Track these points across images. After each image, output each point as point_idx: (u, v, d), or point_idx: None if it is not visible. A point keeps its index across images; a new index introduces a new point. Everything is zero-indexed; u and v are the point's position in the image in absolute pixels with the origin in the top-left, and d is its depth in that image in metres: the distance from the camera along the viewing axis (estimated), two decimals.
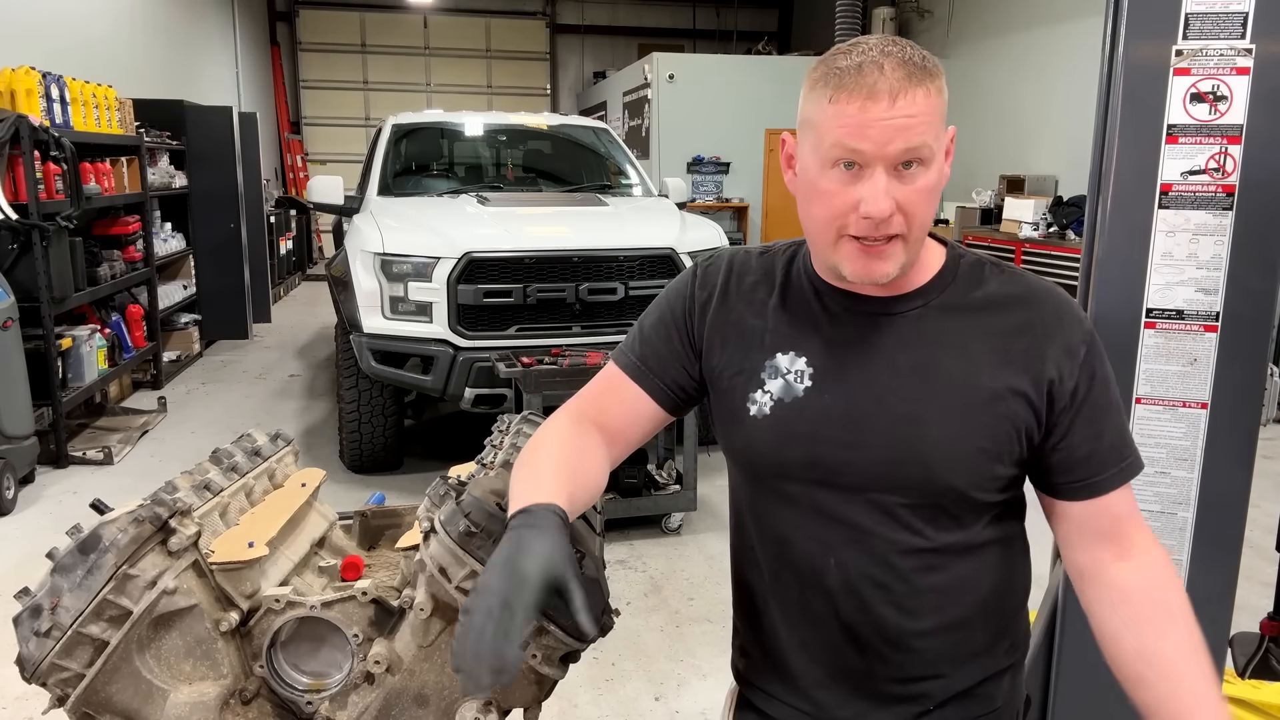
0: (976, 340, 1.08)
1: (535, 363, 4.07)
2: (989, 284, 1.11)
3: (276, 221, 10.60)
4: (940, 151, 1.02)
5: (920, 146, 0.98)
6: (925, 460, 1.06)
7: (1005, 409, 1.05)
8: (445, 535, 1.04)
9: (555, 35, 15.37)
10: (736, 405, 1.15)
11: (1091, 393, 1.07)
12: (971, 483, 1.07)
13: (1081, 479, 1.09)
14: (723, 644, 3.14)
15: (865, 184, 0.99)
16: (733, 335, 1.16)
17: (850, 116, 0.97)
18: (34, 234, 4.59)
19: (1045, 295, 1.10)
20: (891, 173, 0.99)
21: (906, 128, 0.97)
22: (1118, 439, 1.09)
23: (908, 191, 0.99)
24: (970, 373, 1.06)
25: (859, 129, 0.97)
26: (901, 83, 0.97)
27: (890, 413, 1.07)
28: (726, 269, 1.20)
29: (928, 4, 10.63)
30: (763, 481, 1.16)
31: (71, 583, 1.02)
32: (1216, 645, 1.72)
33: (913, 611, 1.11)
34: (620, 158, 6.14)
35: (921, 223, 1.02)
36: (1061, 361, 1.06)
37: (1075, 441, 1.07)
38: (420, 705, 1.11)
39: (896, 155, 0.98)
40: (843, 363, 1.10)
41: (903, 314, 1.10)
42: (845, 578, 1.11)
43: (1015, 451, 1.07)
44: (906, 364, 1.08)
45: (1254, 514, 1.79)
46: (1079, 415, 1.07)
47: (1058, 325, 1.08)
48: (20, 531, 4.09)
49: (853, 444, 1.08)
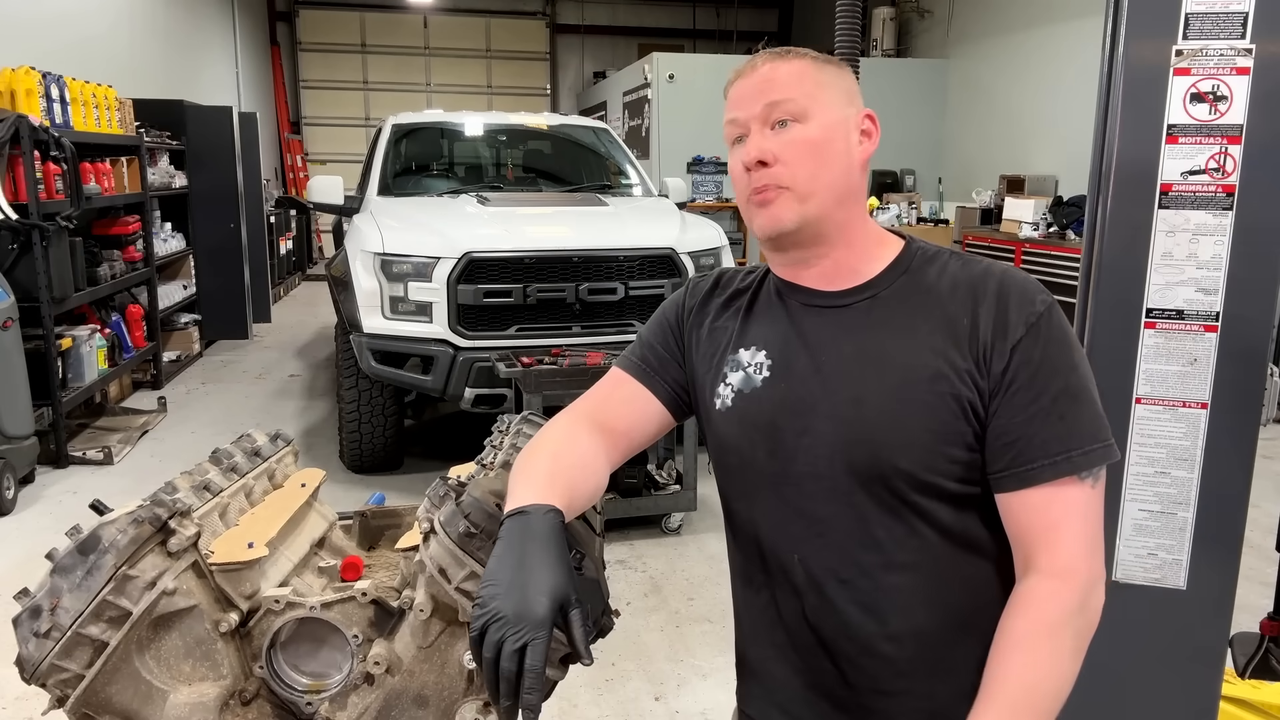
0: (923, 323, 1.08)
1: (535, 363, 4.07)
2: (943, 270, 1.11)
3: (276, 221, 10.60)
4: (822, 110, 1.09)
5: (784, 101, 1.08)
6: (870, 440, 1.06)
7: (947, 387, 1.04)
8: (445, 536, 1.04)
9: (555, 35, 15.36)
10: (706, 401, 1.20)
11: (1023, 375, 1.03)
12: (920, 463, 1.05)
13: (1005, 468, 1.04)
14: (722, 644, 3.16)
15: (746, 145, 1.11)
16: (706, 336, 1.22)
17: (730, 98, 1.13)
18: (34, 234, 4.59)
19: (996, 276, 1.08)
20: (765, 128, 1.09)
21: (766, 87, 1.09)
22: (1060, 430, 1.02)
23: (782, 142, 1.08)
24: (913, 353, 1.07)
25: (735, 100, 1.12)
26: (768, 59, 1.11)
27: (834, 396, 1.09)
28: (714, 281, 1.27)
29: (928, 4, 10.62)
30: (733, 476, 1.19)
31: (71, 583, 1.02)
32: (1217, 645, 1.72)
33: (877, 612, 1.09)
34: (620, 158, 6.14)
35: (808, 174, 1.08)
36: (995, 340, 1.04)
37: (1003, 426, 1.04)
38: (420, 706, 1.11)
39: (764, 113, 1.09)
40: (796, 354, 1.13)
41: (853, 304, 1.12)
42: (809, 574, 1.12)
43: (963, 431, 1.05)
44: (852, 350, 1.10)
45: (1254, 514, 1.79)
46: (1006, 397, 1.03)
47: (997, 303, 1.06)
48: (20, 531, 4.09)
49: (804, 430, 1.10)
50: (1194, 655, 1.71)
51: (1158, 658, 1.71)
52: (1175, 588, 1.69)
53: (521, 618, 0.90)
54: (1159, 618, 1.70)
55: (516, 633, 0.89)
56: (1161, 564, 1.69)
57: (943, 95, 10.09)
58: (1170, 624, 1.70)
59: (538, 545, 0.96)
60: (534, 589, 0.92)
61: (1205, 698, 1.73)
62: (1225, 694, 1.97)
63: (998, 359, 1.04)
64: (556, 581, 0.93)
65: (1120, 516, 1.70)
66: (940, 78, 10.10)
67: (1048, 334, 1.05)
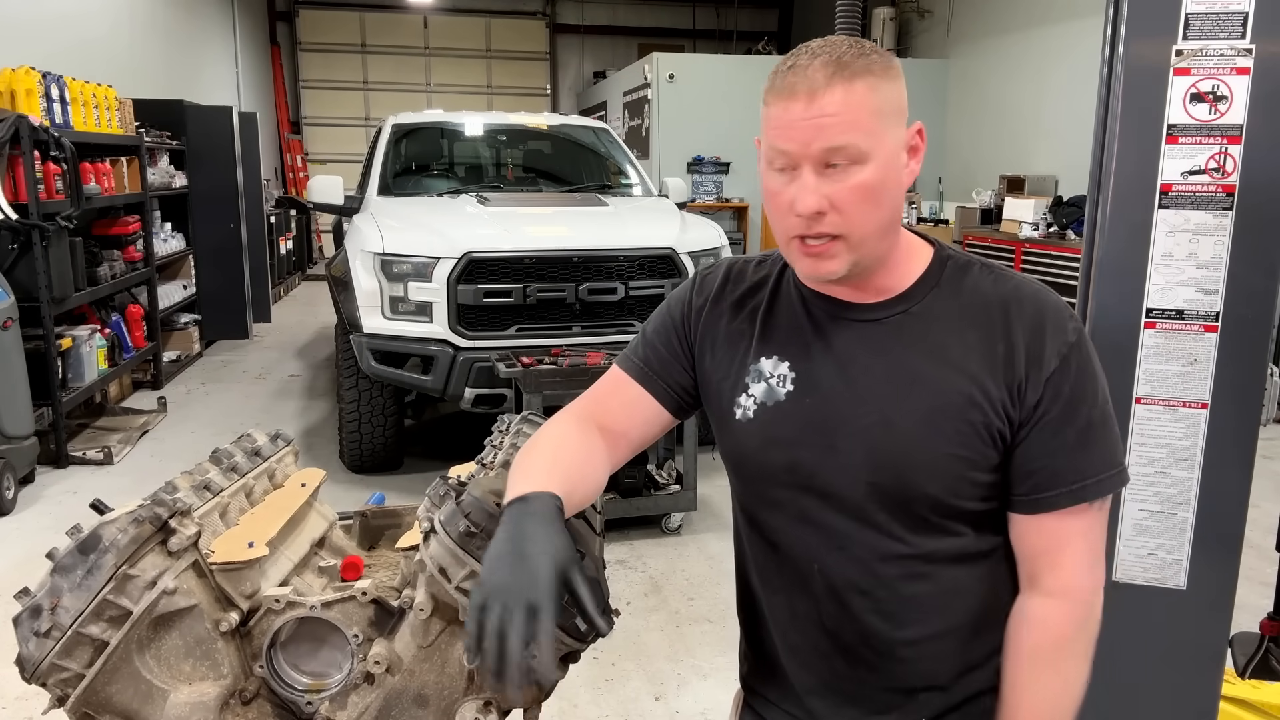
0: (956, 345, 1.06)
1: (535, 363, 4.07)
2: (975, 286, 1.09)
3: (276, 221, 10.59)
4: (881, 145, 1.00)
5: (844, 146, 0.98)
6: (897, 466, 1.05)
7: (978, 416, 1.03)
8: (445, 535, 1.04)
9: (555, 35, 15.36)
10: (724, 409, 1.16)
11: (1055, 409, 1.03)
12: (947, 489, 1.05)
13: (1025, 494, 1.06)
14: (722, 644, 3.16)
15: (796, 183, 1.00)
16: (722, 340, 1.18)
17: (777, 118, 1.00)
18: (34, 234, 4.59)
19: (1029, 299, 1.07)
20: (820, 171, 0.99)
21: (825, 127, 0.97)
22: (1080, 460, 1.04)
23: (838, 189, 0.99)
24: (945, 378, 1.05)
25: (783, 130, 1.00)
26: (822, 82, 0.97)
27: (863, 418, 1.06)
28: (723, 276, 1.22)
29: (928, 4, 10.62)
30: (751, 484, 1.17)
31: (71, 583, 1.02)
32: (1217, 645, 1.72)
33: (898, 620, 1.10)
34: (620, 158, 6.14)
35: (862, 221, 1.01)
36: (1030, 370, 1.04)
37: (1028, 454, 1.04)
38: (420, 705, 1.11)
39: (819, 155, 0.98)
40: (823, 368, 1.10)
41: (884, 320, 1.09)
42: (829, 584, 1.11)
43: (991, 457, 1.05)
44: (882, 370, 1.07)
45: (1254, 514, 1.79)
46: (1035, 429, 1.04)
47: (1032, 330, 1.05)
48: (20, 531, 4.09)
49: (829, 449, 1.08)
50: (1194, 655, 1.71)
51: (1158, 658, 1.71)
52: (1175, 588, 1.69)
53: (525, 586, 0.87)
54: (1159, 618, 1.70)
55: (521, 601, 0.86)
56: (1161, 564, 1.69)
57: (943, 95, 10.08)
58: (1170, 624, 1.70)
59: (537, 520, 0.95)
60: (534, 556, 0.90)
61: (1205, 698, 1.73)
62: (1225, 694, 1.97)
63: (1031, 390, 1.04)
64: (558, 546, 0.91)
65: (1120, 516, 1.70)
66: (940, 78, 10.09)
67: (1078, 365, 1.05)
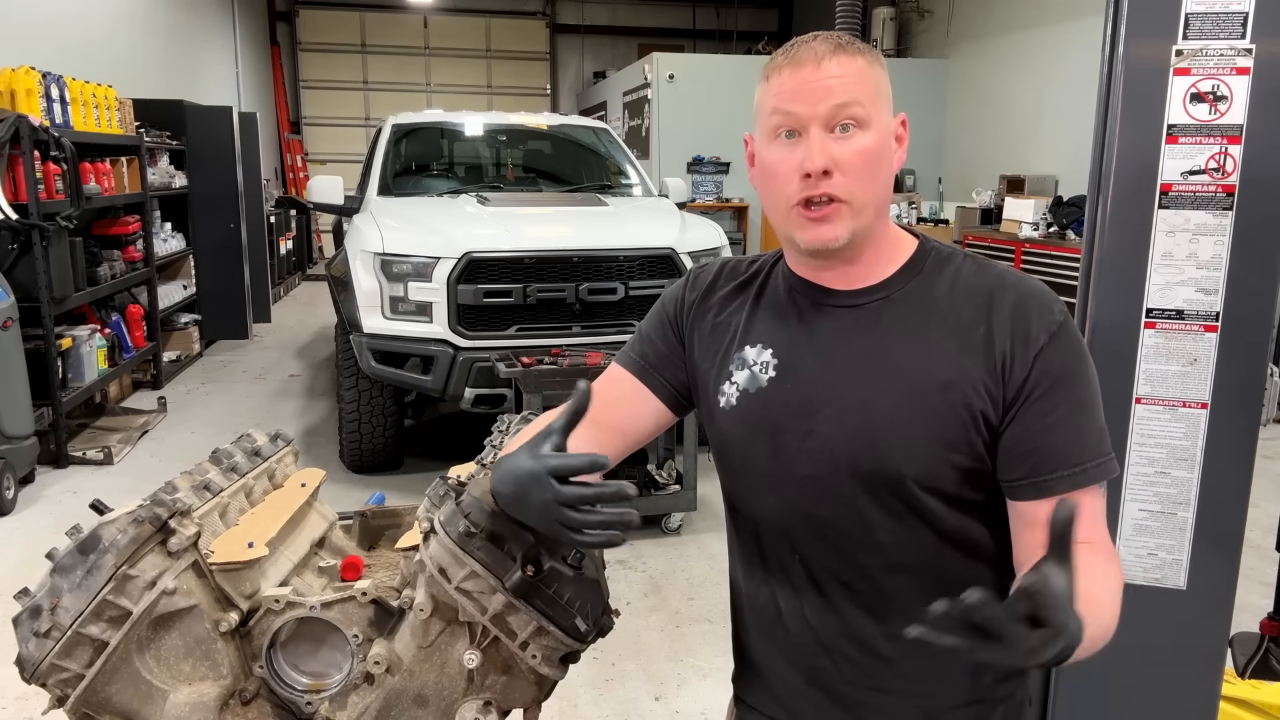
0: (935, 328, 1.07)
1: (535, 363, 4.07)
2: (958, 274, 1.10)
3: (276, 221, 10.59)
4: (879, 118, 1.04)
5: (851, 104, 1.02)
6: (874, 446, 1.05)
7: (957, 396, 1.03)
8: (445, 536, 1.04)
9: (555, 35, 15.36)
10: (710, 398, 1.18)
11: (1045, 383, 1.02)
12: (925, 471, 1.04)
13: (1023, 477, 1.04)
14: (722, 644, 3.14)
15: (803, 145, 1.03)
16: (709, 332, 1.20)
17: (783, 84, 1.04)
18: (34, 234, 4.59)
19: (1012, 285, 1.07)
20: (828, 134, 1.03)
21: (834, 87, 1.01)
22: (1076, 440, 1.03)
23: (844, 151, 1.02)
24: (923, 360, 1.05)
25: (791, 93, 1.03)
26: (827, 52, 1.03)
27: (841, 400, 1.07)
28: (716, 272, 1.24)
29: (928, 4, 10.62)
30: (734, 473, 1.18)
31: (71, 583, 1.02)
32: (1217, 645, 1.72)
33: (877, 613, 1.09)
34: (620, 158, 6.14)
35: (864, 187, 1.03)
36: (1015, 349, 1.03)
37: (1020, 435, 1.03)
38: (420, 705, 1.11)
39: (829, 114, 1.02)
40: (804, 354, 1.11)
41: (865, 305, 1.10)
42: (810, 574, 1.12)
43: (974, 442, 1.04)
44: (861, 353, 1.08)
45: (1254, 514, 1.79)
46: (1027, 406, 1.03)
47: (1018, 311, 1.04)
48: (20, 531, 4.09)
49: (809, 433, 1.09)
50: (1194, 655, 1.71)
51: (1158, 658, 1.71)
52: (1175, 588, 1.69)
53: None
54: (1159, 618, 1.70)
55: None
56: (1161, 564, 1.69)
57: (943, 95, 10.08)
58: (1170, 624, 1.70)
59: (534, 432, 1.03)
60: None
61: (1205, 698, 1.73)
62: (1225, 694, 1.97)
63: (1019, 367, 1.03)
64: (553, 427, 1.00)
65: (1120, 516, 1.70)
66: (940, 78, 10.09)
67: (1067, 343, 1.04)
